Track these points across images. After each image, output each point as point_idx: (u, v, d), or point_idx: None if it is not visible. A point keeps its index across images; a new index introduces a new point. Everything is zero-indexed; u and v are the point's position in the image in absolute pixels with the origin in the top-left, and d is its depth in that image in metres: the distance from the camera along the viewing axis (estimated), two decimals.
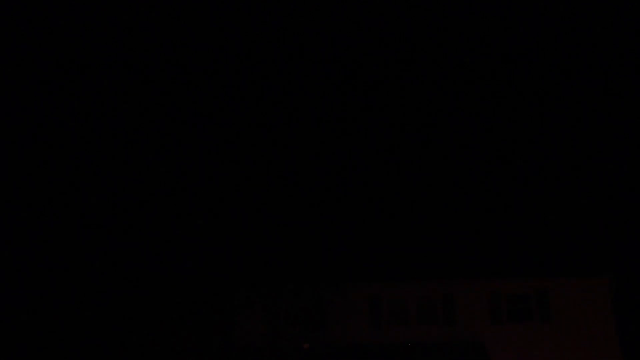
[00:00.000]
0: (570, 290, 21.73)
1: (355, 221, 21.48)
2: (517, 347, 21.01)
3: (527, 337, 21.18)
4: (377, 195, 23.27)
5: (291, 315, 17.42)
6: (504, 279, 22.03)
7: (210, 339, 16.76)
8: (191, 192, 17.29)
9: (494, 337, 21.09)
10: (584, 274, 21.94)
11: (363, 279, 22.10)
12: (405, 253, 24.33)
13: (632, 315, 27.89)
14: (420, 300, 22.19)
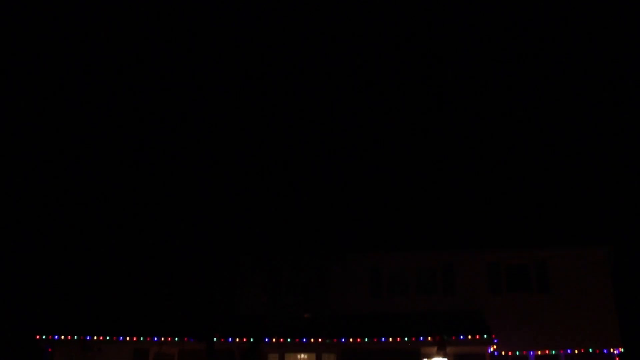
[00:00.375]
0: (569, 261, 21.79)
1: (356, 192, 21.46)
2: (515, 316, 21.15)
3: (525, 307, 21.32)
4: (377, 166, 23.19)
5: (292, 285, 17.52)
6: (503, 249, 22.04)
7: (212, 309, 16.86)
8: (195, 161, 17.22)
9: (493, 307, 21.24)
10: (583, 245, 21.97)
11: (363, 250, 22.15)
12: (405, 223, 24.36)
13: (631, 286, 28.16)
14: (420, 270, 22.26)
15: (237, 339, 19.59)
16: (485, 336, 19.19)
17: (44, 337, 21.75)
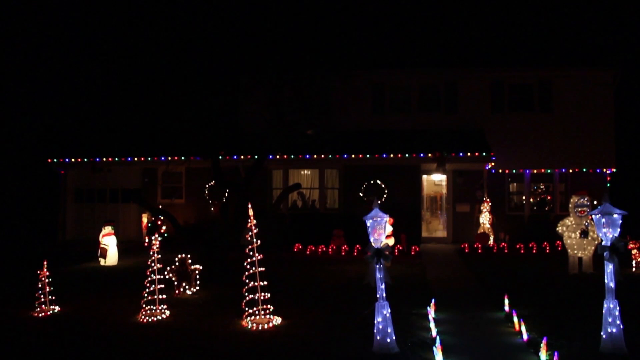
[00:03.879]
0: (573, 81, 21.60)
1: (360, 7, 20.61)
2: (516, 136, 21.47)
3: (526, 127, 21.56)
4: None
5: (295, 102, 17.42)
6: (508, 67, 21.72)
7: (217, 127, 16.97)
8: None
9: (494, 126, 21.48)
10: (590, 66, 21.62)
11: (366, 66, 21.84)
12: (409, 40, 23.76)
13: (630, 109, 28.23)
14: (423, 88, 22.13)
15: (242, 156, 20.16)
16: (484, 154, 19.58)
17: (55, 160, 22.45)
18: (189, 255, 11.81)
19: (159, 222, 20.48)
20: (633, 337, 7.49)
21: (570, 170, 21.56)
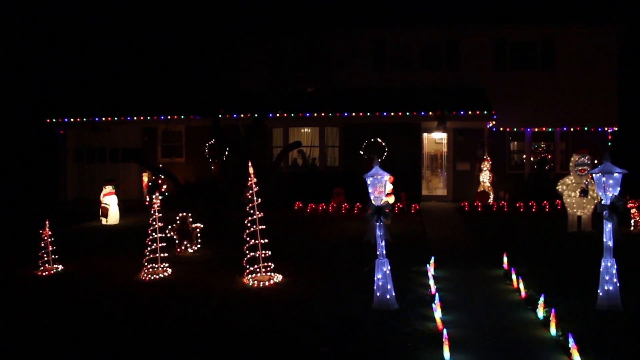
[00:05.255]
0: (577, 39, 21.30)
1: None
2: (517, 94, 21.30)
3: (528, 85, 21.37)
4: None
5: (295, 60, 17.21)
6: (510, 24, 21.38)
7: (216, 85, 16.82)
8: None
9: (496, 84, 21.25)
10: (594, 23, 21.26)
11: (367, 23, 21.47)
12: None
13: (636, 67, 27.88)
14: (425, 46, 21.83)
15: (242, 115, 20.04)
16: (485, 112, 19.47)
17: (54, 120, 22.33)
18: (189, 214, 11.86)
19: (160, 181, 20.52)
20: (629, 294, 7.58)
21: (572, 129, 21.48)
